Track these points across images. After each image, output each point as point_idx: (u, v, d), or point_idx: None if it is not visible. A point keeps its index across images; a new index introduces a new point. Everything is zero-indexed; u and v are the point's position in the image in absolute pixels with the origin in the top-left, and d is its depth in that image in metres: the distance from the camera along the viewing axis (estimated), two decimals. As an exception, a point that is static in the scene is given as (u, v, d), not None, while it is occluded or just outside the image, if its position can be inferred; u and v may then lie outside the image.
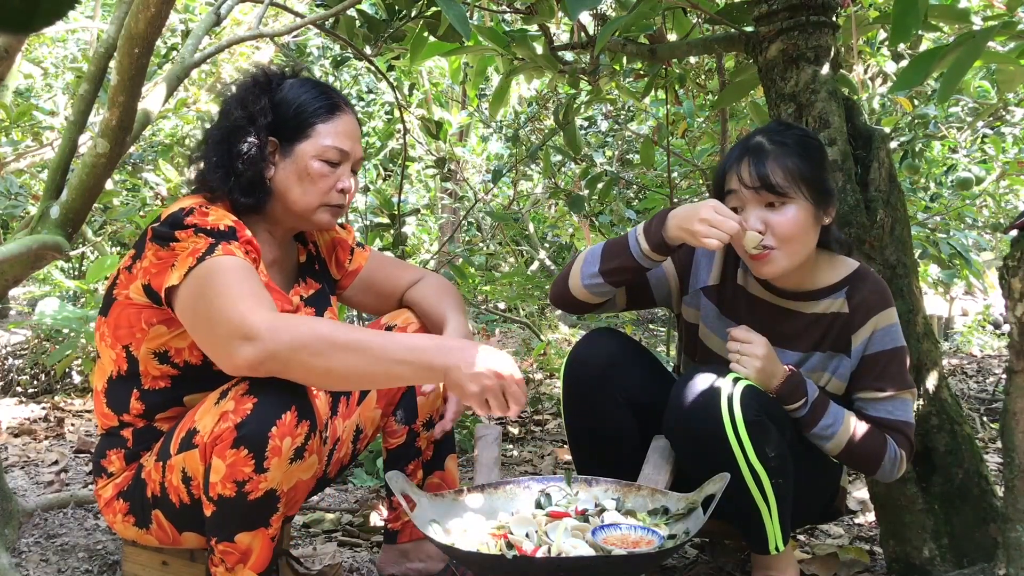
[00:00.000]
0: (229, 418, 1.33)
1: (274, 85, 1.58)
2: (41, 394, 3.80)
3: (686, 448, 1.57)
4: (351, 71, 5.99)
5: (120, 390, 1.52)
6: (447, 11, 1.69)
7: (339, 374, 1.31)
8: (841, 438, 1.56)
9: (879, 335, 1.59)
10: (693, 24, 2.75)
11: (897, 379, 1.58)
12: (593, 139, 5.10)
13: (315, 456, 1.39)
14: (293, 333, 1.28)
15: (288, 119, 1.55)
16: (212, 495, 1.36)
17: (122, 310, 1.48)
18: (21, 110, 3.73)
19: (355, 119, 1.63)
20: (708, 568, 1.87)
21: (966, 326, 6.43)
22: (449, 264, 3.91)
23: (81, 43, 6.37)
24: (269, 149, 1.55)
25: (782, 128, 1.62)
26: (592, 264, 1.65)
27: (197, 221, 1.40)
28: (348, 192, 1.59)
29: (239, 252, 1.39)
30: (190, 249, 1.38)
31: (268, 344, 1.27)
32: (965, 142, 4.30)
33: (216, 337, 1.33)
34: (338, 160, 1.57)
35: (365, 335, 1.34)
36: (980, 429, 3.18)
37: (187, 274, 1.36)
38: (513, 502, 1.53)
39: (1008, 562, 1.37)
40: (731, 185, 1.56)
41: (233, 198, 1.51)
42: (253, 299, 1.32)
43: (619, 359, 1.68)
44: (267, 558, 1.41)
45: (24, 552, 1.89)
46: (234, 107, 1.55)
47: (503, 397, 1.33)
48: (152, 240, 1.42)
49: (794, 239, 1.53)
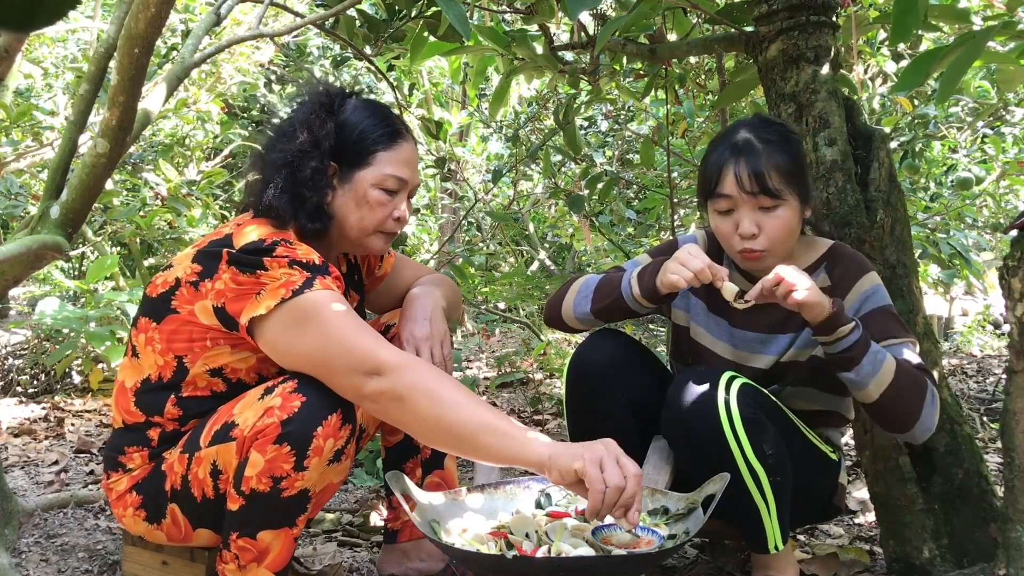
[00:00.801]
0: (275, 414, 1.33)
1: (337, 107, 1.56)
2: (41, 394, 3.79)
3: (684, 447, 1.57)
4: (351, 71, 5.99)
5: (156, 394, 1.50)
6: (447, 11, 1.69)
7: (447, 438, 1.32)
8: (888, 368, 1.46)
9: (867, 297, 1.59)
10: (693, 24, 2.75)
11: (899, 329, 1.56)
12: (593, 139, 5.10)
13: (350, 460, 1.42)
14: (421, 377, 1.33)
15: (350, 144, 1.54)
16: (244, 489, 1.36)
17: (183, 324, 1.46)
18: (21, 110, 3.73)
19: (415, 146, 1.62)
20: (708, 568, 1.87)
21: (966, 326, 6.42)
22: (449, 264, 3.91)
23: (81, 43, 6.37)
24: (330, 173, 1.53)
25: (764, 123, 1.62)
26: (584, 303, 1.70)
27: (287, 252, 1.39)
28: (403, 220, 1.59)
29: (335, 287, 1.40)
30: (283, 280, 1.37)
31: (400, 378, 1.31)
32: (965, 142, 4.30)
33: (334, 368, 1.35)
34: (397, 188, 1.56)
35: (488, 415, 1.31)
36: (980, 429, 3.18)
37: (278, 305, 1.36)
38: (513, 502, 1.53)
39: (1008, 562, 1.37)
40: (726, 189, 1.56)
41: (300, 223, 1.49)
42: (372, 335, 1.36)
43: (622, 360, 1.69)
44: (286, 559, 1.42)
45: (24, 552, 1.89)
46: (299, 129, 1.52)
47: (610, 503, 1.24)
48: (231, 264, 1.40)
49: (785, 239, 1.57)
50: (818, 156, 1.85)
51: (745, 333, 1.69)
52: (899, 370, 1.46)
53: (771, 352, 1.66)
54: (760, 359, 1.67)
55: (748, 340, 1.69)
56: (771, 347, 1.66)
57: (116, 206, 4.03)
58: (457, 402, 1.31)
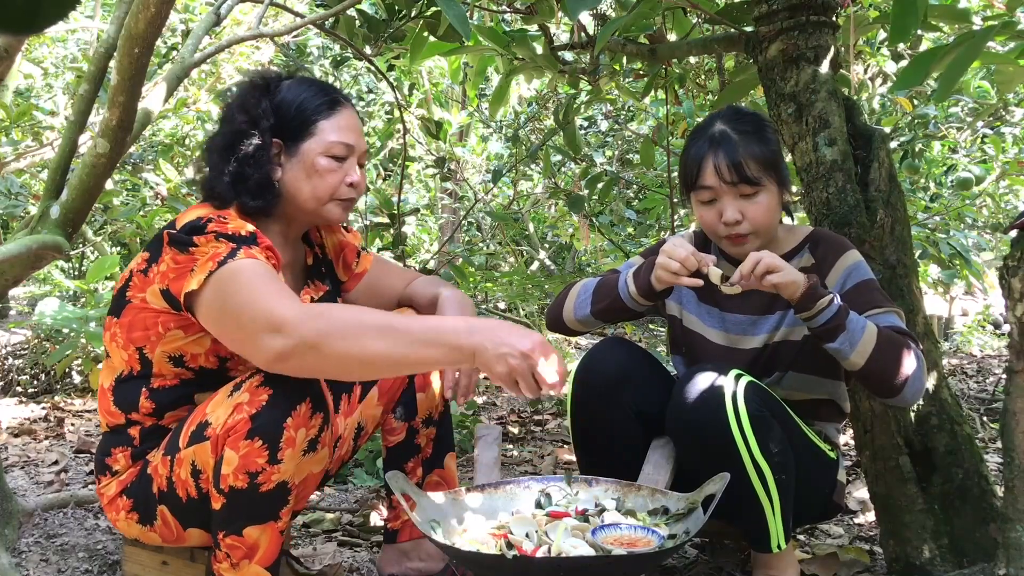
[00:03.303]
0: (243, 409, 1.34)
1: (272, 87, 1.59)
2: (41, 394, 3.80)
3: (689, 444, 1.57)
4: (351, 71, 5.99)
5: (129, 389, 1.52)
6: (447, 11, 1.69)
7: (370, 359, 1.29)
8: (870, 335, 1.48)
9: (850, 271, 1.63)
10: (693, 24, 2.75)
11: (883, 300, 1.60)
12: (593, 139, 5.10)
13: (327, 449, 1.40)
14: (321, 320, 1.29)
15: (290, 119, 1.56)
16: (223, 487, 1.36)
17: (137, 313, 1.48)
18: (21, 110, 3.73)
19: (355, 113, 1.64)
20: (708, 568, 1.88)
21: (966, 326, 6.42)
22: (449, 264, 3.91)
23: (81, 43, 6.37)
24: (274, 151, 1.55)
25: (738, 114, 1.67)
26: (584, 305, 1.74)
27: (217, 227, 1.41)
28: (357, 185, 1.60)
29: (260, 256, 1.40)
30: (210, 254, 1.38)
31: (299, 331, 1.27)
32: (965, 142, 4.31)
33: (244, 333, 1.33)
34: (344, 155, 1.58)
35: (393, 318, 1.35)
36: (980, 429, 3.18)
37: (207, 279, 1.36)
38: (513, 502, 1.53)
39: (1008, 562, 1.37)
40: (707, 181, 1.61)
41: (242, 202, 1.51)
42: (278, 294, 1.33)
43: (629, 370, 1.69)
44: (275, 552, 1.42)
45: (24, 552, 1.89)
46: (236, 112, 1.55)
47: (531, 378, 1.29)
48: (170, 245, 1.42)
49: (768, 222, 1.62)
50: (818, 156, 1.85)
51: (736, 316, 1.73)
52: (880, 336, 1.50)
53: (762, 332, 1.70)
54: (752, 340, 1.71)
55: (739, 323, 1.72)
56: (761, 327, 1.70)
57: (116, 206, 4.03)
58: (366, 324, 1.30)
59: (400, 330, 1.30)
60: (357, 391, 1.76)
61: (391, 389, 1.77)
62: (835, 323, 1.48)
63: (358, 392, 1.76)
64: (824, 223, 1.83)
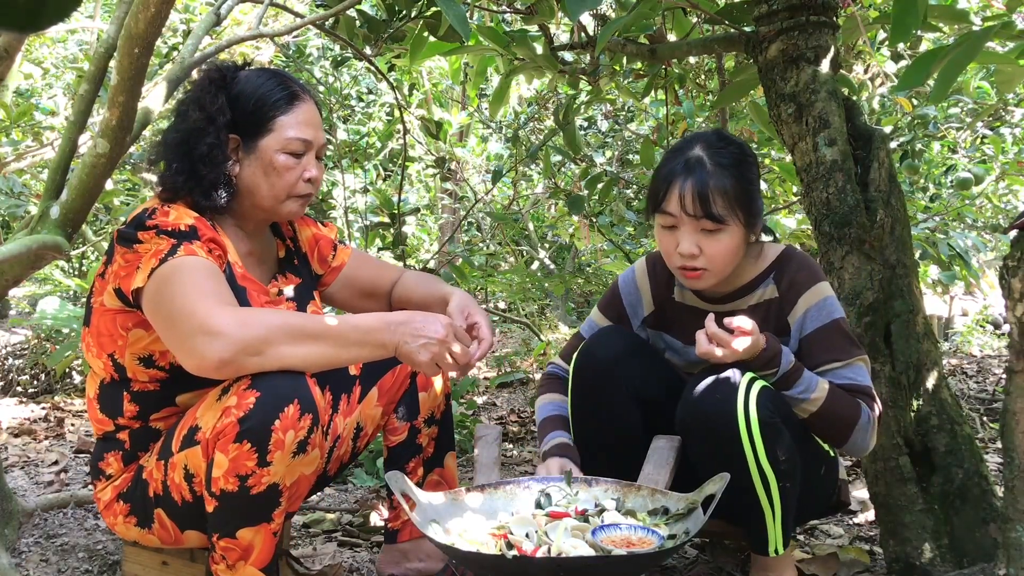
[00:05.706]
0: (232, 413, 1.33)
1: (229, 80, 1.56)
2: (41, 394, 3.80)
3: (697, 442, 1.57)
4: (351, 71, 5.99)
5: (112, 395, 1.53)
6: (447, 11, 1.69)
7: (305, 363, 1.37)
8: (819, 395, 1.52)
9: (812, 312, 1.60)
10: (693, 24, 2.75)
11: (845, 348, 1.58)
12: (593, 139, 5.10)
13: (317, 450, 1.40)
14: (259, 328, 1.32)
15: (248, 114, 1.54)
16: (214, 490, 1.36)
17: (100, 317, 1.49)
18: (21, 110, 3.73)
19: (315, 105, 1.62)
20: (708, 568, 1.88)
21: (966, 326, 6.42)
22: (449, 264, 3.91)
23: (81, 43, 6.37)
24: (231, 147, 1.54)
25: (721, 142, 1.60)
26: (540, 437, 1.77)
27: (159, 222, 1.41)
28: (315, 180, 1.59)
29: (201, 252, 1.40)
30: (153, 250, 1.39)
31: (236, 337, 1.30)
32: (965, 142, 4.31)
33: (179, 335, 1.34)
34: (302, 151, 1.56)
35: (322, 323, 1.39)
36: (980, 429, 3.18)
37: (150, 275, 1.38)
38: (513, 502, 1.53)
39: (1008, 562, 1.37)
40: (670, 207, 1.56)
41: (195, 200, 1.50)
42: (215, 297, 1.34)
43: (628, 355, 1.69)
44: (269, 553, 1.42)
45: (24, 552, 1.89)
46: (191, 108, 1.53)
47: (449, 358, 1.42)
48: (118, 243, 1.43)
49: (725, 262, 1.58)
50: (818, 156, 1.85)
51: None
52: (831, 397, 1.53)
53: None
54: None
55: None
56: None
57: (116, 206, 4.03)
58: (307, 329, 1.36)
59: (332, 334, 1.37)
60: (356, 391, 1.76)
61: (391, 389, 1.77)
62: (787, 380, 1.53)
63: (357, 392, 1.76)
64: (824, 223, 1.83)
